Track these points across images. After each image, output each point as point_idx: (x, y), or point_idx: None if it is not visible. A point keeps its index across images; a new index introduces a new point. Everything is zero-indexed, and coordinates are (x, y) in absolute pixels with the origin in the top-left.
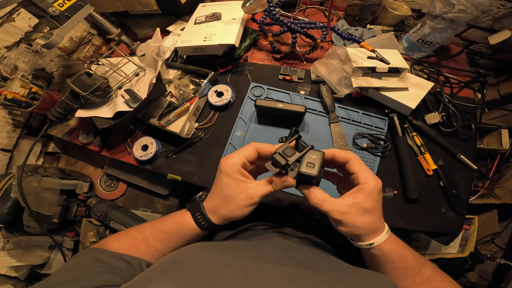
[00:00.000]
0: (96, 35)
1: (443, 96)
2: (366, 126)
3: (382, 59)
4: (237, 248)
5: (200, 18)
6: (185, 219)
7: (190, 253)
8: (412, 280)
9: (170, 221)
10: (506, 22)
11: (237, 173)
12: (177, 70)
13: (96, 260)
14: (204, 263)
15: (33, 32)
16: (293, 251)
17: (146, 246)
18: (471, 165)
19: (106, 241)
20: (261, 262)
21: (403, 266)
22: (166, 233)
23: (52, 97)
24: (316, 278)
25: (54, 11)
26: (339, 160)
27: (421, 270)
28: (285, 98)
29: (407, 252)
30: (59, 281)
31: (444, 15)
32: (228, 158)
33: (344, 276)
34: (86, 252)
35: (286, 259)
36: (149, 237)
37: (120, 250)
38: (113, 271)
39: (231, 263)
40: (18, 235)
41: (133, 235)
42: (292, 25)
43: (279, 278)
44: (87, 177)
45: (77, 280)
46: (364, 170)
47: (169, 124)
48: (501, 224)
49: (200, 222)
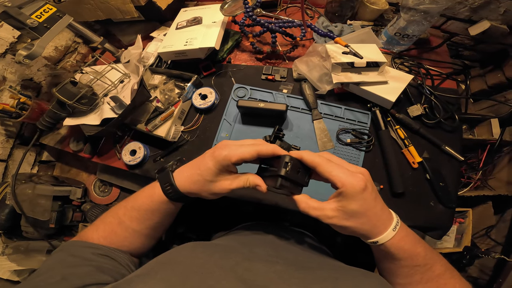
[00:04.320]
0: (82, 43)
1: (425, 88)
2: (349, 121)
3: (355, 54)
4: (228, 247)
5: (182, 23)
6: (155, 191)
7: (181, 252)
8: (419, 277)
9: (141, 195)
10: (484, 13)
11: (225, 167)
12: (161, 75)
13: (81, 257)
14: (195, 263)
15: (18, 43)
16: (284, 250)
17: (124, 229)
18: (457, 157)
19: (84, 232)
20: (250, 261)
21: (412, 264)
22: (139, 209)
23: (41, 107)
24: (306, 277)
25: (33, 23)
26: (308, 165)
27: (432, 268)
28: (268, 98)
29: (418, 249)
30: (49, 280)
31: (417, 7)
32: (226, 147)
33: (334, 275)
34: (67, 245)
35: (277, 258)
36: (124, 219)
37: (101, 239)
38: (102, 269)
39: (221, 262)
40: (17, 240)
41: (108, 220)
42: (270, 25)
43: (268, 276)
44: (80, 183)
45: (67, 280)
46: (338, 172)
47: (155, 129)
48: (497, 217)
49: (168, 191)
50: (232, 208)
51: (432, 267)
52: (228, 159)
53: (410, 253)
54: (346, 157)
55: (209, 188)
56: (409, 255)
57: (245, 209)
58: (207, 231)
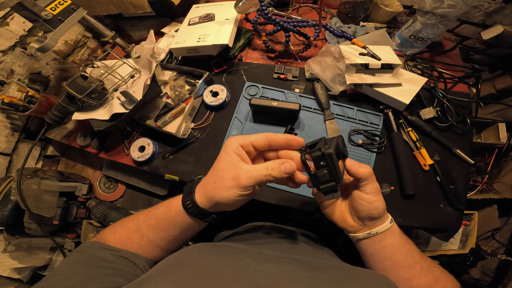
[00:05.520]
0: (91, 38)
1: (437, 91)
2: (361, 122)
3: (373, 55)
4: (237, 248)
5: (194, 19)
6: (174, 201)
7: (191, 254)
8: (420, 267)
9: (164, 204)
10: (498, 17)
11: (235, 150)
12: (172, 71)
13: (100, 258)
14: (205, 264)
15: (28, 36)
16: (293, 251)
17: (139, 236)
18: (467, 160)
19: (102, 234)
20: (260, 261)
21: (412, 249)
22: (157, 218)
23: (49, 101)
24: (316, 276)
25: (47, 15)
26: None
27: (423, 257)
28: (280, 97)
29: (410, 241)
30: (67, 281)
31: (434, 11)
32: (234, 136)
33: (344, 275)
34: (86, 247)
35: (286, 259)
36: (142, 226)
37: (117, 243)
38: (118, 273)
39: (231, 264)
40: (19, 237)
41: (128, 225)
42: (284, 24)
43: (279, 277)
44: (86, 179)
45: (83, 283)
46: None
47: (165, 125)
48: (502, 220)
49: (187, 203)
50: None
51: (423, 255)
52: (236, 142)
53: (408, 239)
54: (358, 158)
55: (222, 180)
56: (407, 240)
57: (247, 209)
58: (210, 229)
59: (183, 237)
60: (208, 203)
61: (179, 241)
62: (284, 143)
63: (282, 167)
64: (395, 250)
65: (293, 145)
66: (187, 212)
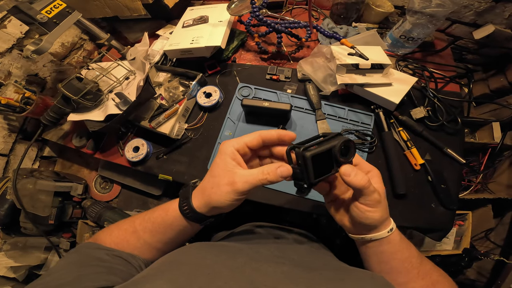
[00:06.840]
0: (88, 40)
1: (428, 91)
2: (352, 122)
3: (361, 55)
4: (234, 248)
5: (188, 21)
6: (171, 205)
7: (188, 253)
8: (416, 272)
9: (160, 207)
10: (489, 17)
11: (230, 155)
12: (166, 73)
13: (95, 258)
14: (202, 263)
15: (25, 38)
16: (290, 251)
17: (136, 239)
18: (459, 159)
19: (98, 235)
20: (257, 261)
21: (411, 255)
22: (153, 222)
23: (45, 102)
24: (313, 277)
25: (42, 18)
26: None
27: (422, 262)
28: (272, 97)
29: (409, 242)
30: (59, 280)
31: (423, 10)
32: (228, 140)
33: (340, 275)
34: (81, 247)
35: (283, 259)
36: (138, 229)
37: (113, 245)
38: (113, 271)
39: (228, 263)
40: (15, 237)
41: (124, 227)
42: (276, 26)
43: (276, 277)
44: (81, 179)
45: (77, 281)
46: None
47: (159, 126)
48: (497, 220)
49: (184, 208)
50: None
51: (423, 260)
52: (230, 146)
53: (408, 242)
54: None
55: (218, 185)
56: (407, 246)
57: (244, 209)
58: (207, 230)
59: (180, 239)
60: (205, 207)
61: (176, 243)
62: (276, 138)
63: (278, 171)
64: (392, 256)
65: (285, 140)
66: (184, 217)
